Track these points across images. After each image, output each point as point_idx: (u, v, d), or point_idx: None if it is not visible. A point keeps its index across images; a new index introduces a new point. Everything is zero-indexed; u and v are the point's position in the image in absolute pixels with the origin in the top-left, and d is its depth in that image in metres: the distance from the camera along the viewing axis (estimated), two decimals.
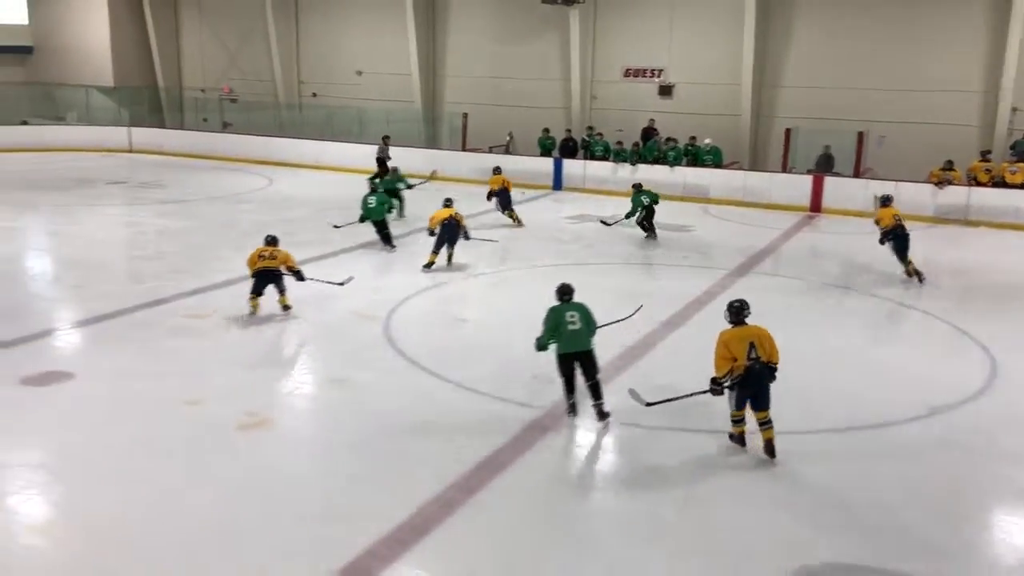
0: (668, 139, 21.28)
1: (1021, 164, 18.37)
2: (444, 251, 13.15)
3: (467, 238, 13.37)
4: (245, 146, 25.54)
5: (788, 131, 21.14)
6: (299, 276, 11.02)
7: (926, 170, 18.73)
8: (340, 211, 17.79)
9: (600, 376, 7.92)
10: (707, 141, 21.06)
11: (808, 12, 21.62)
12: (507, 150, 23.88)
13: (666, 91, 23.55)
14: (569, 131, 23.25)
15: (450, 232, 13.07)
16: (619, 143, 21.73)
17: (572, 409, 7.97)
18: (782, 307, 11.89)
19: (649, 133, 22.11)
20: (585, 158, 22.08)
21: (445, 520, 6.20)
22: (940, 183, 18.29)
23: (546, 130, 23.15)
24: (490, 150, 23.66)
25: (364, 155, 22.24)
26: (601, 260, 14.21)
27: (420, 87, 26.58)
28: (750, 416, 7.30)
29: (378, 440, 7.51)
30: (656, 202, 15.95)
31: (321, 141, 25.08)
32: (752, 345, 7.18)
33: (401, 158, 21.12)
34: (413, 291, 12.08)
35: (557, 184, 21.74)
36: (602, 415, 7.88)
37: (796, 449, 7.54)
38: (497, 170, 17.53)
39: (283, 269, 10.88)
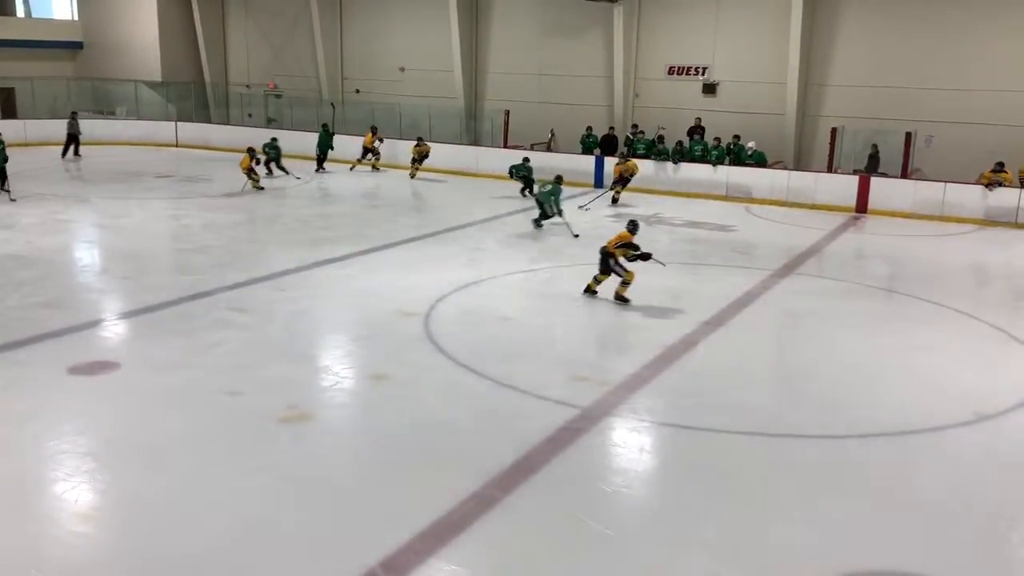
0: (714, 138, 21.11)
1: None
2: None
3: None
4: (289, 141, 25.79)
5: (834, 130, 20.83)
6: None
7: (976, 171, 18.36)
8: (378, 205, 17.93)
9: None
10: (751, 144, 20.81)
11: (855, 10, 21.26)
12: (549, 147, 23.84)
13: (710, 89, 23.33)
14: (612, 128, 23.15)
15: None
16: (661, 139, 21.59)
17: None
18: (826, 309, 11.76)
19: (695, 131, 21.94)
20: (628, 156, 21.95)
21: (481, 517, 6.21)
22: (990, 185, 17.91)
23: (589, 128, 23.08)
24: (532, 147, 23.65)
25: (404, 150, 22.41)
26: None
27: (462, 83, 26.64)
28: None
29: (416, 436, 7.55)
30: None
31: (362, 137, 25.25)
32: None
33: (443, 154, 21.25)
34: (453, 287, 12.12)
35: (599, 182, 21.65)
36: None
37: (841, 453, 7.45)
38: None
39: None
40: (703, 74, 23.40)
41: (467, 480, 6.64)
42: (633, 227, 11.80)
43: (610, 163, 21.62)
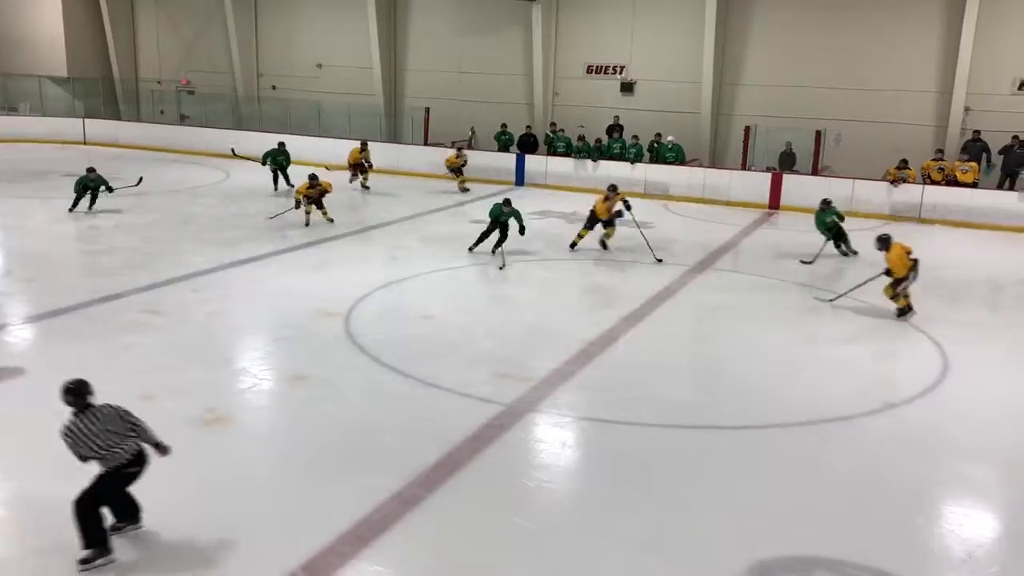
0: (632, 136, 21.43)
1: (972, 163, 18.76)
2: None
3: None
4: (202, 139, 25.20)
5: (747, 129, 21.36)
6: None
7: (882, 168, 19.06)
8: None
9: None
10: (670, 138, 21.23)
11: (767, 11, 21.84)
12: (470, 145, 23.83)
13: (628, 88, 23.65)
14: (529, 127, 23.27)
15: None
16: (580, 138, 21.82)
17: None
18: (742, 303, 12.05)
19: (614, 130, 22.21)
20: (547, 154, 22.14)
21: (404, 517, 6.17)
22: (895, 181, 18.61)
23: (503, 126, 23.17)
24: (452, 145, 23.60)
25: (322, 149, 22.07)
26: (564, 256, 14.26)
27: (381, 81, 26.41)
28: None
29: (337, 437, 7.46)
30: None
31: (280, 134, 24.81)
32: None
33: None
34: (374, 286, 12.01)
35: (519, 180, 21.75)
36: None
37: (758, 443, 7.64)
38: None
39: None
40: (621, 73, 23.71)
41: (390, 480, 6.59)
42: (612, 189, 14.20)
43: (530, 162, 21.72)
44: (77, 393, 5.66)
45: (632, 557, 5.83)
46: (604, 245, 14.64)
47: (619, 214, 14.38)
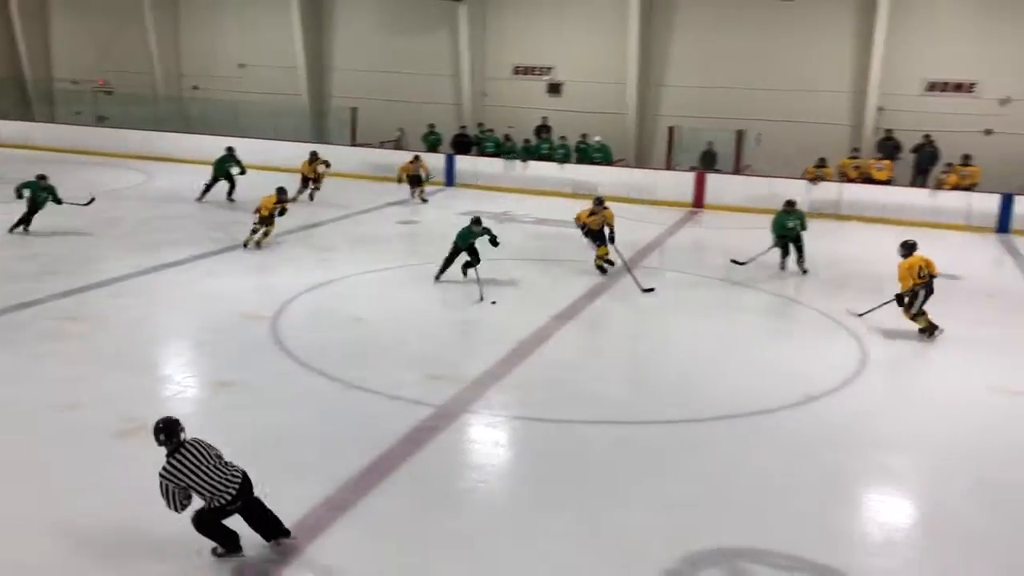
0: (560, 137, 21.61)
1: (886, 161, 19.46)
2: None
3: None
4: (122, 141, 24.49)
5: (671, 129, 21.74)
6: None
7: (801, 167, 19.59)
8: (221, 206, 17.35)
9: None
10: (597, 139, 21.47)
11: (688, 13, 22.27)
12: (398, 146, 23.70)
13: (555, 89, 23.84)
14: (464, 128, 23.26)
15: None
16: (507, 137, 21.90)
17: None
18: (669, 300, 12.24)
19: (542, 130, 22.34)
20: (477, 155, 22.17)
21: (335, 522, 6.12)
22: (814, 179, 19.16)
23: (431, 126, 23.11)
24: (381, 145, 23.44)
25: (246, 150, 21.61)
26: (495, 255, 14.28)
27: (306, 80, 26.07)
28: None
29: (265, 444, 7.33)
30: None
31: (201, 135, 24.30)
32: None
33: (288, 153, 20.78)
34: (301, 289, 11.86)
35: (449, 180, 21.72)
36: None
37: (685, 437, 7.79)
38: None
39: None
40: (548, 74, 23.88)
41: (320, 486, 6.52)
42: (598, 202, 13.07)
43: (461, 162, 21.69)
44: (170, 431, 5.36)
45: (566, 554, 5.89)
46: (603, 269, 13.26)
47: (611, 238, 13.10)
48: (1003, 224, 17.85)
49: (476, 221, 12.43)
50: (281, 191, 14.25)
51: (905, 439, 7.93)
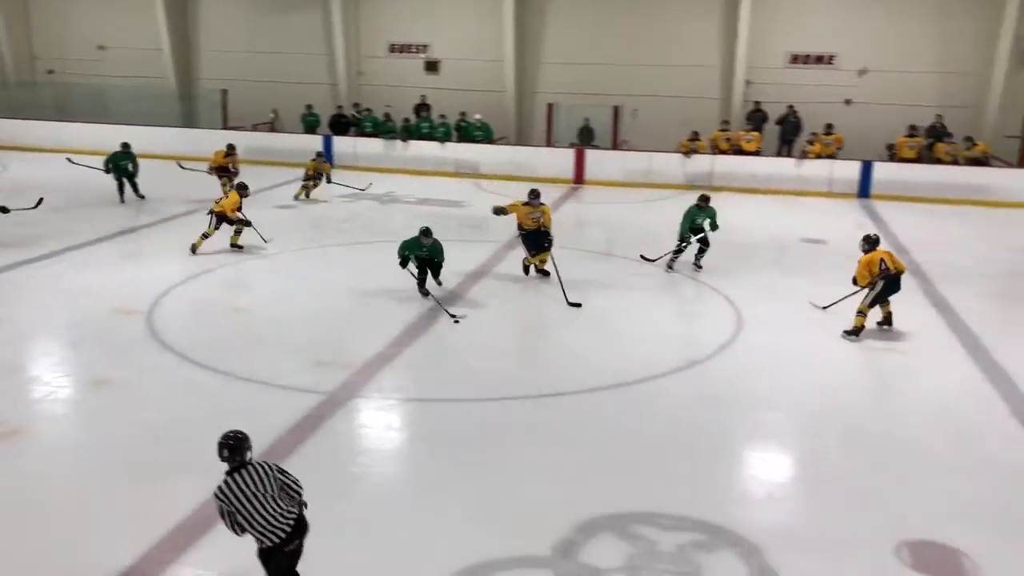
0: (440, 115, 21.48)
1: (755, 133, 20.20)
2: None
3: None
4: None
5: (550, 106, 21.93)
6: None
7: (675, 141, 20.12)
8: (85, 200, 16.53)
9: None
10: (477, 117, 21.45)
11: None
12: (272, 128, 23.05)
13: (432, 67, 23.64)
14: (340, 108, 22.81)
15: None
16: (387, 117, 21.63)
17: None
18: (553, 275, 12.39)
19: (422, 109, 22.15)
20: (356, 135, 21.80)
21: None
22: (688, 153, 19.72)
23: (309, 107, 22.59)
24: (254, 128, 22.75)
25: (108, 136, 20.59)
26: (377, 238, 14.14)
27: (172, 62, 24.97)
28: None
29: (147, 442, 7.08)
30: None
31: (59, 122, 22.99)
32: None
33: (153, 139, 19.93)
34: (176, 280, 11.44)
35: (328, 162, 21.24)
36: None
37: (577, 409, 7.93)
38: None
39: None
40: (424, 52, 23.66)
41: (208, 481, 6.25)
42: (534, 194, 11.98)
43: (339, 143, 21.27)
44: (236, 448, 4.80)
45: (462, 531, 5.92)
46: (539, 270, 12.02)
47: (549, 242, 11.82)
48: (863, 190, 18.83)
49: (425, 232, 10.71)
50: (242, 187, 13.22)
51: (780, 397, 8.32)
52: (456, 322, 9.91)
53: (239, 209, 12.87)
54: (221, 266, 12.31)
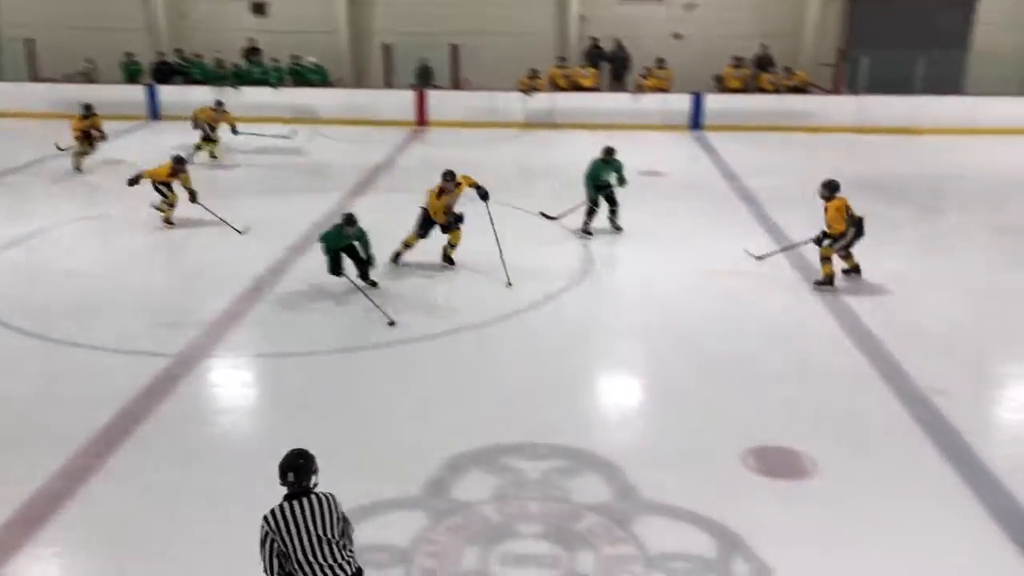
0: (271, 59, 20.61)
1: (592, 69, 20.53)
2: None
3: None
4: None
5: (386, 47, 21.44)
6: None
7: (516, 79, 20.16)
8: None
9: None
10: (311, 59, 20.72)
11: None
12: (89, 79, 21.43)
13: (259, 9, 22.53)
14: (163, 54, 21.45)
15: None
16: (220, 63, 20.57)
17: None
18: (406, 220, 12.27)
19: (252, 53, 21.14)
20: (184, 83, 20.60)
21: (79, 490, 5.69)
22: (528, 91, 19.83)
23: (129, 54, 21.15)
24: (67, 80, 21.08)
25: None
26: (219, 192, 13.52)
27: None
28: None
29: None
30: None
31: None
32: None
33: None
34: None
35: (154, 114, 20.09)
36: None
37: (440, 350, 7.97)
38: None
39: None
40: None
41: (54, 455, 6.01)
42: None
43: (165, 93, 20.07)
44: (302, 473, 4.02)
45: (330, 483, 5.85)
46: (449, 259, 10.34)
47: (459, 219, 10.16)
48: (696, 121, 19.56)
49: (349, 220, 9.08)
50: (179, 160, 11.80)
51: (631, 325, 8.66)
52: (392, 325, 8.36)
53: (173, 175, 11.59)
54: (46, 228, 11.48)
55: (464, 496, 5.68)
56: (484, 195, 10.13)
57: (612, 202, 11.56)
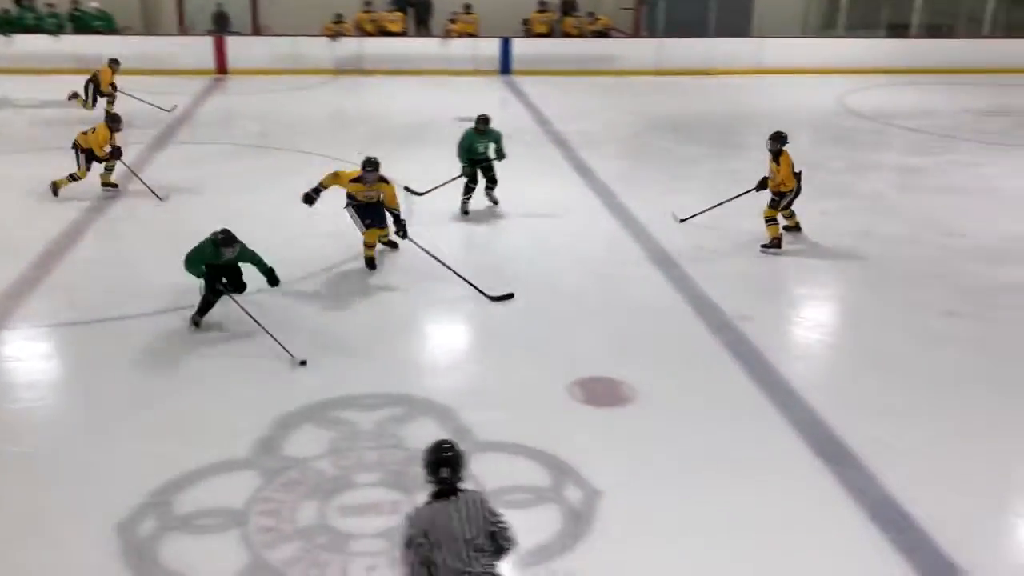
0: (47, 4, 18.84)
1: (399, 13, 20.20)
2: None
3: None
4: None
5: None
6: None
7: (320, 24, 19.51)
8: None
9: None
10: (94, 4, 19.14)
11: None
12: None
13: None
14: None
15: None
16: None
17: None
18: (217, 174, 11.72)
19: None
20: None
21: None
22: (334, 36, 19.26)
23: None
24: None
25: None
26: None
27: None
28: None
29: None
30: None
31: None
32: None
33: None
34: None
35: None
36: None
37: (249, 309, 7.72)
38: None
39: None
40: None
41: None
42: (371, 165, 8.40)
43: None
44: (454, 464, 3.53)
45: (152, 453, 5.62)
46: (384, 242, 9.01)
47: (399, 223, 8.51)
48: (505, 66, 19.72)
49: (227, 241, 7.07)
50: (114, 120, 10.57)
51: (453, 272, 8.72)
52: (303, 364, 6.73)
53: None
54: None
55: (297, 453, 5.61)
56: (401, 229, 8.47)
57: (489, 175, 10.27)
